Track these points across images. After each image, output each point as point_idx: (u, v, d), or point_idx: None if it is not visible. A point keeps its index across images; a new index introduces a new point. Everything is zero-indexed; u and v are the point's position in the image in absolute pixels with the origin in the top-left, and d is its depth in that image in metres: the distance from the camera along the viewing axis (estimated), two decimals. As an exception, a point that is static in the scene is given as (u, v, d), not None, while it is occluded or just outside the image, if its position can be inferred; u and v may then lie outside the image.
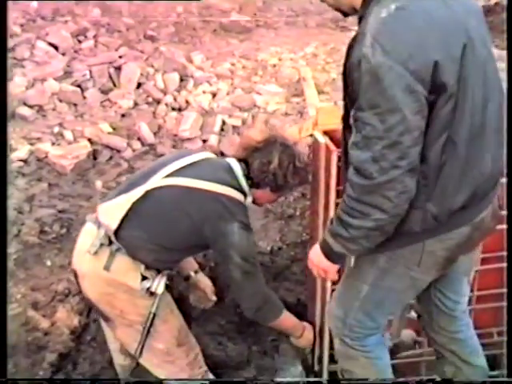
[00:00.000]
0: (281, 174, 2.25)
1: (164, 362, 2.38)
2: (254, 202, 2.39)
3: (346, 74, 1.74)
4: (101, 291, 2.26)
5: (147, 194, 2.20)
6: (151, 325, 2.27)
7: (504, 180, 2.03)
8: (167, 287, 2.34)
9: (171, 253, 2.27)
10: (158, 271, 2.28)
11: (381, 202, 1.69)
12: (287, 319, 2.51)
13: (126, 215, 2.20)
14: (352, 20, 5.33)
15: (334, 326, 2.19)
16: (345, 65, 1.76)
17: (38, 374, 2.66)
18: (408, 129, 1.63)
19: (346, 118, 1.86)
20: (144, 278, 2.23)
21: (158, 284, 2.24)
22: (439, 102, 1.68)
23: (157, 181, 2.21)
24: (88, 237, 2.28)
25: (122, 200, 2.23)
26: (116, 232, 2.21)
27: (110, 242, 2.22)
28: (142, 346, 2.29)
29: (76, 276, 2.34)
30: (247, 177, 2.28)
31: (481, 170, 1.82)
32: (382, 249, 1.87)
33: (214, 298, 2.75)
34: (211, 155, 2.40)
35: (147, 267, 2.24)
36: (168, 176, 2.22)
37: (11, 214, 3.24)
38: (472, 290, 2.59)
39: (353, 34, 1.78)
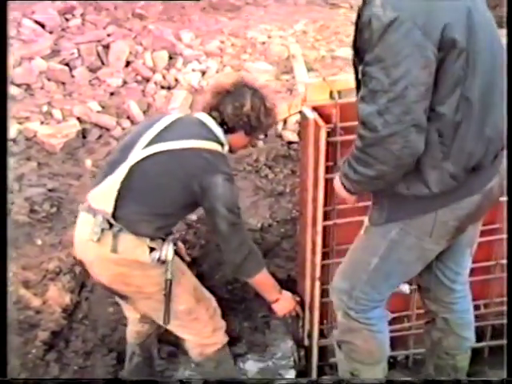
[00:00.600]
0: (254, 115, 2.32)
1: (188, 322, 2.44)
2: (229, 150, 2.43)
3: (357, 38, 1.78)
4: (113, 273, 2.29)
5: (132, 169, 2.23)
6: (170, 291, 2.31)
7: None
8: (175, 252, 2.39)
9: (169, 218, 2.33)
10: (163, 239, 2.33)
11: (383, 154, 1.74)
12: (268, 277, 2.56)
13: (119, 195, 2.22)
14: (342, -3, 5.29)
15: (337, 298, 2.22)
16: (356, 29, 1.80)
17: (31, 352, 2.68)
18: (413, 83, 1.67)
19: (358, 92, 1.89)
20: (151, 250, 2.27)
21: (167, 251, 2.29)
22: (449, 57, 1.71)
23: (138, 153, 2.24)
24: (85, 226, 2.30)
25: (109, 182, 2.25)
26: (113, 214, 2.23)
27: (110, 225, 2.23)
28: (168, 313, 2.35)
29: (83, 265, 2.37)
30: (221, 124, 2.33)
31: (493, 127, 1.86)
32: (400, 216, 1.92)
33: (188, 259, 2.77)
34: (180, 114, 2.43)
35: (152, 239, 2.28)
36: (147, 146, 2.25)
37: (0, 193, 3.23)
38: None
39: (342, 11, 1.80)
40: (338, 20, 4.99)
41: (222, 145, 2.35)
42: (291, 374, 3.03)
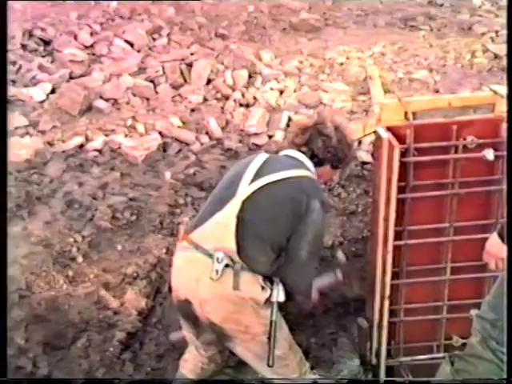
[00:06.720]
0: (340, 147, 2.45)
1: (280, 367, 2.43)
2: None
3: None
4: (228, 311, 2.30)
5: (244, 203, 2.27)
6: (275, 333, 2.31)
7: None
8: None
9: (280, 250, 2.33)
10: (269, 280, 2.33)
11: None
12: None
13: (237, 231, 2.25)
14: (422, 20, 5.28)
15: (481, 326, 2.28)
16: None
17: (109, 349, 2.81)
18: None
19: None
20: (262, 289, 2.29)
21: (278, 291, 2.31)
22: None
23: (246, 188, 2.29)
24: (195, 265, 2.30)
25: (221, 218, 2.28)
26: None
27: (232, 263, 2.26)
28: (273, 355, 2.32)
29: (189, 304, 2.34)
30: (310, 158, 2.43)
31: None
32: None
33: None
34: (267, 154, 2.47)
35: (264, 277, 2.30)
36: (252, 181, 2.30)
37: (86, 199, 3.43)
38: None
39: (422, 33, 1.82)
40: (416, 42, 4.97)
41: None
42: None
